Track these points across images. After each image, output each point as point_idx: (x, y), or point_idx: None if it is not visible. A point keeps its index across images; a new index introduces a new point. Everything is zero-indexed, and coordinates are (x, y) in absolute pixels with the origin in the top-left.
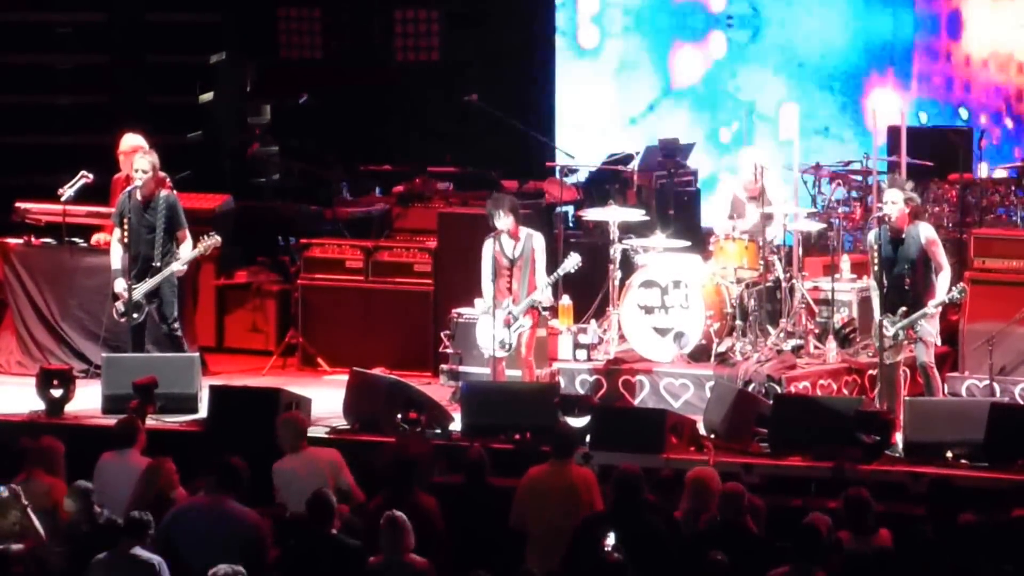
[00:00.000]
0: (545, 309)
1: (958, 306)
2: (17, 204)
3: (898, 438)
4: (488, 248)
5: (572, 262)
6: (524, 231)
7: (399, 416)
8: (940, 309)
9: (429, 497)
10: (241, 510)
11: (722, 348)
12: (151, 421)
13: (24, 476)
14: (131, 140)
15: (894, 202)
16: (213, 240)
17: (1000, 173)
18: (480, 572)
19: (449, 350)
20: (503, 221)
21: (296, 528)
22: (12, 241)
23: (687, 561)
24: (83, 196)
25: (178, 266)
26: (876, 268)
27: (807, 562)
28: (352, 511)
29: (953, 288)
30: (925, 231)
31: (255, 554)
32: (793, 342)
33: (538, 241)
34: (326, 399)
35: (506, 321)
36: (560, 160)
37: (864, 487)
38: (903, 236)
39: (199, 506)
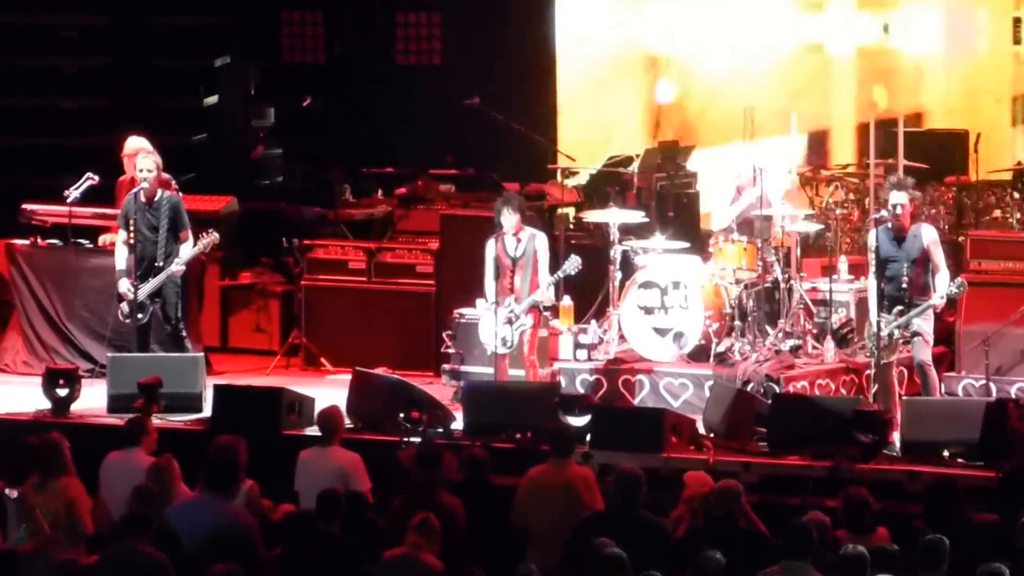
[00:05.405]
0: (546, 309)
1: (955, 303)
2: (24, 205)
3: (895, 437)
4: (491, 247)
5: (573, 264)
6: (527, 231)
7: (401, 415)
8: (943, 302)
9: (453, 498)
10: (233, 509)
11: (721, 348)
12: (156, 420)
13: (37, 478)
14: (134, 142)
15: (902, 205)
16: (211, 237)
17: None
18: (478, 571)
19: (451, 350)
20: (508, 219)
21: (299, 524)
22: (18, 242)
23: (682, 559)
24: (89, 198)
25: (177, 266)
26: (874, 269)
27: (799, 560)
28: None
29: (952, 283)
30: (928, 232)
31: (246, 553)
32: (791, 342)
33: (540, 241)
34: (329, 399)
35: (508, 319)
36: (561, 162)
37: (863, 486)
38: (905, 235)
39: (190, 504)
